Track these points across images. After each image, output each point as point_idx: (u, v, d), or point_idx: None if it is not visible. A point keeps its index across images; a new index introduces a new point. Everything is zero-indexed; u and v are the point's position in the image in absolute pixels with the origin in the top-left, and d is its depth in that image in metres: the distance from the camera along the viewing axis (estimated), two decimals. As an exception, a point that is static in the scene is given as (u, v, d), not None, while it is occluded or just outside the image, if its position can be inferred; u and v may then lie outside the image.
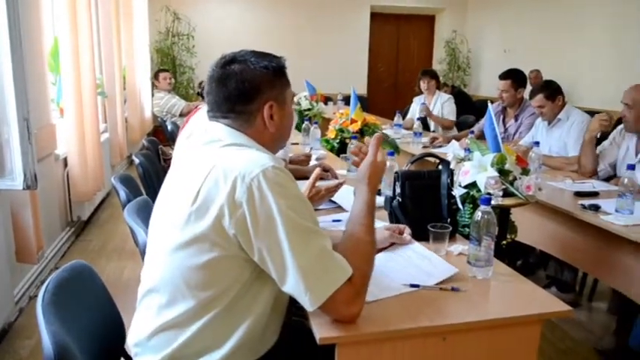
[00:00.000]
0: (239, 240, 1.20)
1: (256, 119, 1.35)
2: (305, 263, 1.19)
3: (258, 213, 1.18)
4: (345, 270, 1.23)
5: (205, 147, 1.33)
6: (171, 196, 1.35)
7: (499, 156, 2.02)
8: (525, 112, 4.13)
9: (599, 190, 2.74)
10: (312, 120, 4.17)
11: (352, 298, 1.24)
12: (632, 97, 2.85)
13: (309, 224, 1.23)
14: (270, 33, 8.84)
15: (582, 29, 7.18)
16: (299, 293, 1.20)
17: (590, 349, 2.83)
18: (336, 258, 1.24)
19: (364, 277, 1.28)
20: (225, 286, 1.25)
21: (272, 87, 1.36)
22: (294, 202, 1.21)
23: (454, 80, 9.60)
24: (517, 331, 1.40)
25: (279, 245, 1.18)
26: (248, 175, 1.19)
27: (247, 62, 1.34)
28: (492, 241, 1.55)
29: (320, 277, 1.20)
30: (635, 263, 2.22)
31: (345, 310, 1.24)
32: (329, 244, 1.25)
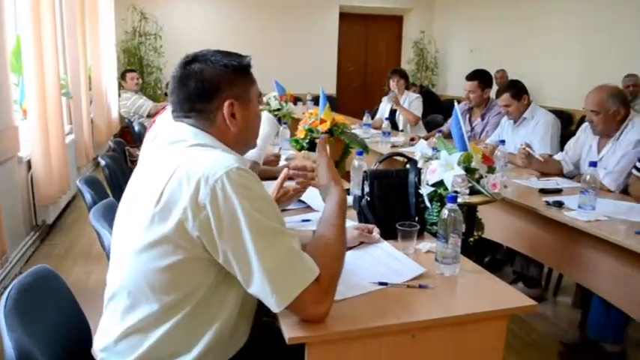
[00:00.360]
0: (203, 242, 1.19)
1: (217, 118, 1.34)
2: (271, 264, 1.18)
3: (222, 215, 1.17)
4: (313, 270, 1.23)
5: (170, 147, 1.32)
6: (135, 197, 1.33)
7: (465, 155, 2.04)
8: (492, 111, 4.20)
9: (563, 187, 2.81)
10: (282, 120, 4.16)
11: (320, 297, 1.24)
12: (596, 103, 2.87)
13: (275, 225, 1.22)
14: (239, 33, 8.79)
15: (547, 30, 7.34)
16: (265, 295, 1.19)
17: (556, 342, 2.90)
18: (304, 258, 1.24)
19: (333, 276, 1.28)
20: (190, 289, 1.23)
21: (232, 85, 1.34)
22: (259, 203, 1.20)
23: (422, 80, 9.69)
24: (484, 327, 1.42)
25: (244, 247, 1.17)
26: (212, 177, 1.18)
27: (207, 61, 1.33)
28: (459, 238, 1.58)
29: (286, 278, 1.19)
30: (597, 258, 2.28)
31: (313, 310, 1.24)
32: (296, 244, 1.24)
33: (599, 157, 2.94)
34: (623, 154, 2.80)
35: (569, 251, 2.43)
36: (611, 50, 6.31)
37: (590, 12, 6.65)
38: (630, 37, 6.08)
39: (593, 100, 2.89)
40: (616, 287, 2.22)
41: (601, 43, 6.45)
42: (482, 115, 4.26)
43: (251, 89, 1.40)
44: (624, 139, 2.85)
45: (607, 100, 2.85)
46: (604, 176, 2.81)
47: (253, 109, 1.41)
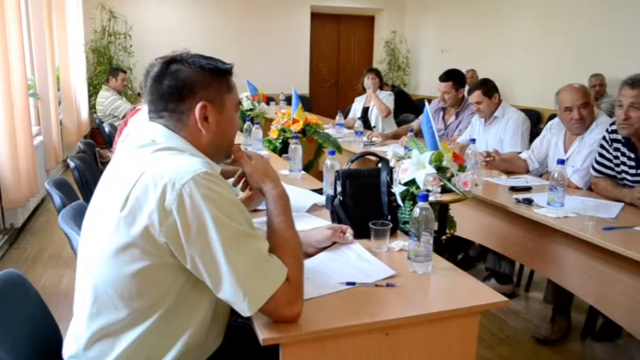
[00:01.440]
0: (170, 248, 1.17)
1: (189, 119, 1.31)
2: (240, 269, 1.17)
3: (190, 220, 1.15)
4: (282, 271, 1.23)
5: (137, 151, 1.29)
6: (101, 201, 1.30)
7: (437, 154, 2.07)
8: (467, 110, 4.25)
9: (532, 184, 2.85)
10: (254, 120, 4.14)
11: (293, 297, 1.24)
12: (585, 95, 2.89)
13: (244, 228, 1.21)
14: (211, 32, 8.73)
15: (516, 30, 7.46)
16: (236, 300, 1.18)
17: (529, 337, 2.95)
18: (273, 260, 1.24)
19: (299, 274, 1.29)
20: (159, 295, 1.21)
21: (207, 87, 1.32)
22: (227, 207, 1.19)
23: (394, 80, 9.76)
24: (457, 323, 1.43)
25: (213, 252, 1.16)
26: (178, 182, 1.16)
27: (185, 62, 1.32)
28: (431, 236, 1.59)
29: (257, 281, 1.19)
30: (567, 254, 2.32)
31: (288, 311, 1.24)
32: (265, 247, 1.25)
33: (566, 155, 2.99)
34: (589, 152, 2.86)
35: (540, 247, 2.48)
36: (578, 50, 6.45)
37: (557, 13, 6.79)
38: (596, 38, 6.23)
39: (581, 94, 2.90)
40: (585, 282, 2.27)
41: (568, 43, 6.59)
42: (456, 113, 4.31)
43: (227, 95, 1.37)
44: (590, 137, 2.91)
45: (589, 93, 2.94)
46: (572, 174, 2.87)
47: (228, 116, 1.37)
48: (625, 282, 2.04)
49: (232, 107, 1.39)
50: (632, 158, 2.54)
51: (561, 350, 2.82)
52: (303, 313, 1.29)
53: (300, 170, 2.93)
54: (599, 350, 2.84)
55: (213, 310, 1.30)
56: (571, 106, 2.91)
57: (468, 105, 4.21)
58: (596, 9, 6.23)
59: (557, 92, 3.00)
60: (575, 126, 2.96)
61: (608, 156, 2.66)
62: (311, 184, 2.71)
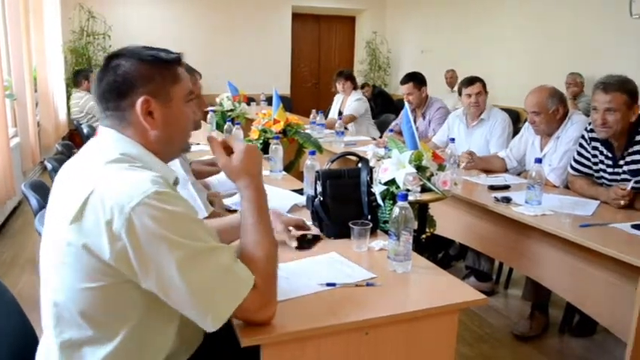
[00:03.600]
0: (122, 272, 1.11)
1: (132, 117, 1.23)
2: (199, 287, 1.12)
3: (141, 244, 1.08)
4: (247, 281, 1.19)
5: (88, 163, 1.23)
6: (54, 212, 1.22)
7: (416, 153, 2.09)
8: (431, 108, 4.30)
9: (511, 183, 2.89)
10: (235, 121, 4.13)
11: (261, 303, 1.22)
12: (536, 104, 2.95)
13: (201, 244, 1.14)
14: (191, 33, 8.68)
15: (495, 31, 7.54)
16: (199, 317, 1.14)
17: (507, 333, 2.98)
18: (236, 270, 1.19)
19: (269, 277, 1.25)
20: (122, 313, 1.17)
21: (149, 80, 1.23)
22: (180, 226, 1.12)
23: (375, 80, 9.80)
24: (436, 321, 1.45)
25: (168, 275, 1.10)
26: (127, 205, 1.08)
27: (125, 56, 1.24)
28: (410, 235, 1.60)
29: (219, 296, 1.14)
30: (545, 251, 2.36)
31: (258, 317, 1.24)
32: (227, 257, 1.18)
33: (542, 154, 3.03)
34: (565, 150, 2.91)
35: (518, 245, 2.51)
36: (557, 50, 6.55)
37: (535, 14, 6.88)
38: (573, 37, 6.32)
39: (533, 102, 2.97)
40: (562, 279, 2.31)
41: (547, 43, 6.69)
42: (422, 114, 4.35)
43: (174, 86, 1.27)
44: (565, 136, 2.96)
45: (546, 101, 2.95)
46: (549, 172, 2.91)
47: (177, 109, 1.28)
48: (601, 278, 2.08)
49: (181, 99, 1.29)
50: (610, 157, 2.59)
51: (540, 346, 2.86)
52: (284, 314, 1.29)
53: (281, 170, 2.93)
54: (576, 345, 2.88)
55: (186, 322, 1.22)
56: (526, 109, 3.02)
57: (432, 103, 4.27)
58: (574, 10, 6.33)
59: None
60: (532, 128, 3.06)
61: (587, 155, 2.71)
62: (292, 185, 2.71)
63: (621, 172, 2.53)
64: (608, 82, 2.47)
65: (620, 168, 2.54)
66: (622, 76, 2.49)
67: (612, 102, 2.43)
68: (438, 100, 4.40)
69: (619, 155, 2.54)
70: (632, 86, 2.47)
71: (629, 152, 2.49)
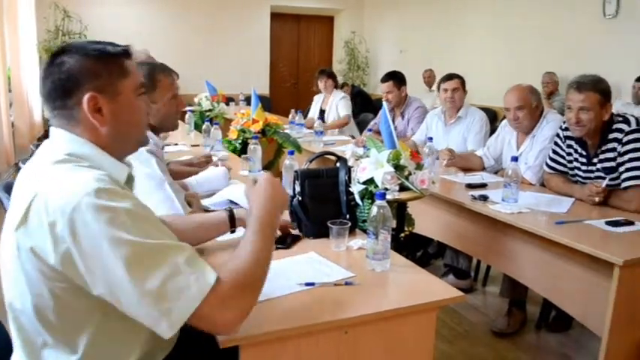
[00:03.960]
0: (70, 277, 1.07)
1: (79, 115, 1.18)
2: (150, 288, 1.05)
3: (85, 247, 1.04)
4: (208, 277, 1.10)
5: (36, 165, 1.20)
6: (9, 216, 1.17)
7: (394, 152, 2.10)
8: (410, 107, 4.33)
9: (488, 181, 2.92)
10: (213, 121, 4.11)
11: (221, 311, 1.11)
12: (521, 99, 2.98)
13: (151, 241, 1.08)
14: (168, 32, 8.61)
15: (472, 31, 7.62)
16: (153, 322, 1.07)
17: (486, 330, 3.02)
18: (193, 272, 1.09)
19: (241, 289, 1.15)
20: (80, 318, 1.13)
21: (94, 76, 1.17)
22: (126, 222, 1.06)
23: (354, 80, 9.82)
24: (415, 319, 1.46)
25: (116, 276, 1.04)
26: (69, 206, 1.04)
27: (69, 52, 1.19)
28: (389, 234, 1.61)
29: (173, 299, 1.06)
30: (521, 248, 2.39)
31: (215, 327, 1.14)
32: (183, 256, 1.10)
33: (518, 152, 3.07)
34: (541, 148, 2.95)
35: (495, 243, 2.54)
36: (532, 50, 6.63)
37: (512, 14, 6.97)
38: (548, 37, 6.41)
39: (516, 97, 3.00)
40: (539, 276, 2.34)
41: (523, 43, 6.78)
42: (401, 113, 4.37)
43: (122, 80, 1.22)
44: (540, 134, 3.00)
45: (529, 96, 3.00)
46: (525, 170, 2.95)
47: (127, 103, 1.23)
48: (576, 274, 2.11)
49: (131, 93, 1.24)
50: (584, 155, 2.63)
51: (517, 342, 2.89)
52: (263, 314, 1.29)
53: (260, 170, 2.93)
54: (552, 341, 2.93)
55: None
56: (508, 107, 3.02)
57: (412, 102, 4.30)
58: (549, 10, 6.42)
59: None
60: (513, 125, 3.09)
61: (562, 153, 2.75)
62: (271, 185, 2.70)
63: (595, 170, 2.58)
64: (581, 81, 2.51)
65: (594, 166, 2.58)
66: (595, 76, 2.53)
67: (586, 101, 2.47)
68: (417, 100, 4.43)
69: (593, 153, 2.59)
70: (605, 86, 2.51)
71: (603, 150, 2.53)
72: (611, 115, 2.52)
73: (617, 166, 2.47)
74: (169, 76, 2.07)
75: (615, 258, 1.87)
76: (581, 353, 2.78)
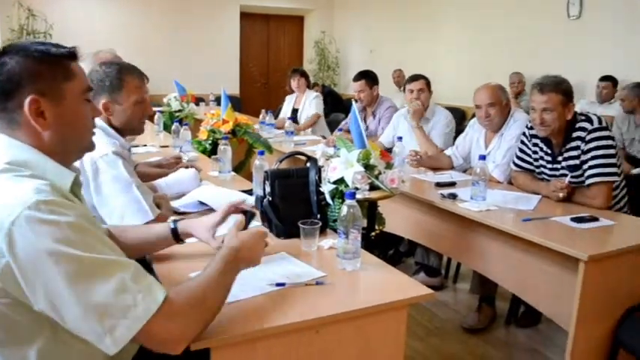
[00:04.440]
0: (11, 292, 1.03)
1: (21, 119, 1.14)
2: (93, 304, 1.02)
3: (24, 261, 1.00)
4: (156, 294, 1.08)
5: None
6: None
7: (364, 152, 2.11)
8: (382, 106, 4.35)
9: (457, 180, 2.96)
10: (183, 121, 4.07)
11: (168, 331, 1.10)
12: (492, 95, 3.03)
13: (95, 256, 1.04)
14: (136, 32, 8.50)
15: (441, 31, 7.71)
16: (96, 340, 1.03)
17: (457, 326, 3.06)
18: (140, 289, 1.07)
19: (192, 313, 1.14)
20: (26, 333, 1.09)
21: (37, 79, 1.14)
22: (69, 236, 1.02)
23: (324, 80, 9.84)
24: (385, 317, 1.46)
25: (57, 291, 1.01)
26: (7, 219, 1.00)
27: (11, 53, 1.14)
28: (359, 233, 1.61)
29: (117, 315, 1.03)
30: (490, 245, 2.42)
31: (161, 346, 1.11)
32: (128, 271, 1.08)
33: (487, 151, 3.12)
34: (508, 147, 3.00)
35: (465, 240, 2.57)
36: (500, 51, 6.74)
37: (479, 15, 7.07)
38: (515, 38, 6.52)
39: (488, 94, 3.04)
40: (507, 272, 2.38)
41: (491, 44, 6.89)
42: (373, 113, 4.40)
43: (66, 83, 1.18)
44: (508, 133, 3.05)
45: (499, 93, 3.07)
46: (493, 169, 3.00)
47: (72, 107, 1.19)
48: (543, 270, 2.15)
49: (76, 96, 1.20)
50: (549, 154, 2.68)
51: (487, 338, 2.94)
52: (234, 315, 1.28)
53: (230, 171, 2.91)
54: (521, 335, 2.98)
55: None
56: (480, 104, 3.07)
57: (383, 101, 4.33)
58: (515, 11, 6.53)
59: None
60: (484, 123, 3.13)
61: (528, 151, 2.80)
62: (241, 185, 2.69)
63: (560, 168, 2.63)
64: (543, 82, 2.56)
65: (559, 164, 2.64)
66: (557, 77, 2.59)
67: (548, 102, 2.52)
68: (388, 100, 4.45)
69: (557, 152, 2.64)
70: (567, 86, 2.57)
71: (567, 149, 2.59)
72: (574, 115, 2.57)
73: (581, 164, 2.53)
74: (137, 78, 2.02)
75: (580, 253, 1.91)
76: (550, 347, 2.84)
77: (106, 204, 1.86)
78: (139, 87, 2.01)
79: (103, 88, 1.94)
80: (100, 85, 1.93)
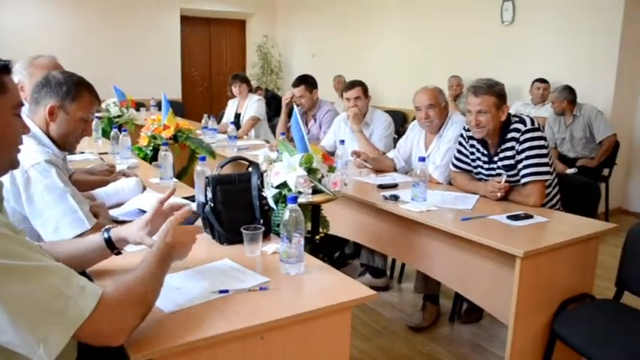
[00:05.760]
0: None
1: None
2: (23, 312, 0.99)
3: None
4: (85, 305, 1.07)
5: None
6: None
7: (306, 156, 2.11)
8: (321, 110, 4.39)
9: (399, 181, 3.01)
10: (122, 127, 3.96)
11: (102, 331, 1.10)
12: (432, 97, 3.11)
13: (24, 262, 1.02)
14: (74, 35, 8.21)
15: (382, 36, 7.82)
16: (29, 350, 1.01)
17: (402, 325, 3.11)
18: (71, 293, 1.05)
19: (128, 313, 1.15)
20: None
21: None
22: None
23: (268, 84, 9.80)
24: (330, 320, 1.47)
25: None
26: None
27: None
28: (302, 237, 1.62)
29: (50, 322, 1.01)
30: (431, 245, 2.48)
31: (99, 342, 1.11)
32: (60, 276, 1.07)
33: (427, 153, 3.19)
34: (447, 148, 3.08)
35: (407, 241, 2.61)
36: (439, 54, 6.91)
37: (419, 20, 7.23)
38: (452, 42, 6.70)
39: (428, 96, 3.12)
40: (448, 270, 2.43)
41: (430, 48, 7.04)
42: (313, 116, 4.42)
43: None
44: (446, 135, 3.14)
45: (438, 95, 3.15)
46: (433, 170, 3.07)
47: (1, 121, 1.17)
48: (482, 267, 2.22)
49: (6, 111, 1.18)
50: (486, 154, 2.77)
51: (432, 335, 3.00)
52: (177, 324, 1.27)
53: (172, 178, 2.85)
54: (465, 332, 3.06)
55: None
56: (419, 106, 3.14)
57: (322, 105, 4.36)
58: (452, 16, 6.71)
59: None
60: (424, 125, 3.20)
61: (465, 152, 2.88)
62: (184, 192, 2.64)
63: (496, 168, 2.72)
64: (477, 85, 2.66)
65: (495, 164, 2.73)
66: (490, 80, 2.69)
67: (482, 104, 2.61)
68: (327, 103, 4.48)
69: (493, 152, 2.73)
70: (500, 88, 2.67)
71: (502, 149, 2.68)
72: (508, 116, 2.67)
73: (516, 164, 2.63)
74: (92, 98, 1.99)
75: (516, 250, 1.99)
76: (493, 342, 2.93)
77: (39, 215, 1.79)
78: (90, 105, 1.98)
79: (58, 92, 1.90)
80: (55, 88, 1.90)
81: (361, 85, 3.82)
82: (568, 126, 5.14)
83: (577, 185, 2.90)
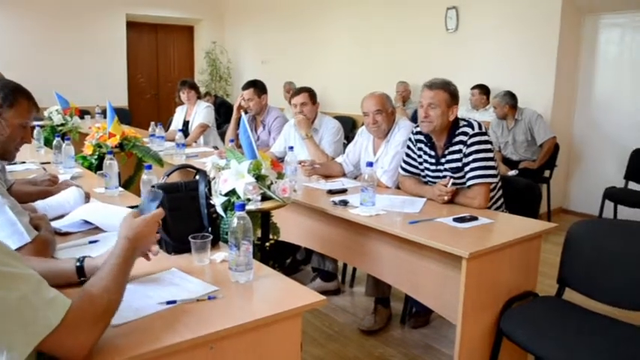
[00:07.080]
0: None
1: None
2: None
3: None
4: (52, 315, 1.07)
5: None
6: None
7: (255, 163, 2.11)
8: (269, 116, 4.38)
9: (348, 186, 3.04)
10: (66, 136, 3.84)
11: (69, 342, 1.10)
12: (379, 103, 3.15)
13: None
14: (14, 40, 7.91)
15: (330, 43, 7.88)
16: None
17: (355, 329, 3.13)
18: (38, 302, 1.05)
19: (94, 322, 1.15)
20: None
21: None
22: None
23: (217, 90, 9.72)
24: (280, 327, 1.47)
25: None
26: None
27: None
28: (250, 244, 1.61)
29: (14, 330, 1.01)
30: (381, 248, 2.51)
31: (71, 344, 1.11)
32: (30, 284, 1.06)
33: (375, 157, 3.23)
34: (394, 153, 3.13)
35: (357, 245, 2.64)
36: (387, 62, 7.01)
37: (366, 28, 7.32)
38: (400, 49, 6.82)
39: (375, 102, 3.17)
40: (398, 273, 2.47)
41: (378, 55, 7.14)
42: (262, 122, 4.41)
43: None
44: (394, 140, 3.18)
45: (386, 101, 3.20)
46: (381, 175, 3.11)
47: None
48: (430, 269, 2.26)
49: None
50: (432, 156, 2.83)
51: (384, 338, 3.04)
52: (123, 338, 1.25)
53: (117, 187, 2.78)
54: (416, 333, 3.11)
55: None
56: (367, 111, 3.19)
57: (270, 111, 4.36)
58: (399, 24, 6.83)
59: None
60: (372, 129, 3.25)
61: (413, 155, 2.94)
62: (130, 201, 2.58)
63: (443, 170, 2.79)
64: (433, 81, 2.76)
65: (442, 165, 2.79)
66: (446, 79, 2.79)
67: (435, 97, 2.69)
68: (275, 109, 4.47)
69: (440, 154, 2.80)
70: (454, 88, 2.76)
71: (450, 151, 2.75)
72: (457, 119, 2.74)
73: (463, 166, 2.70)
74: (31, 105, 1.91)
75: (462, 251, 2.04)
76: (443, 342, 2.99)
77: (-25, 228, 1.72)
78: (28, 112, 1.90)
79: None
80: None
81: (308, 92, 3.83)
82: (510, 130, 5.31)
83: (519, 187, 3.00)
